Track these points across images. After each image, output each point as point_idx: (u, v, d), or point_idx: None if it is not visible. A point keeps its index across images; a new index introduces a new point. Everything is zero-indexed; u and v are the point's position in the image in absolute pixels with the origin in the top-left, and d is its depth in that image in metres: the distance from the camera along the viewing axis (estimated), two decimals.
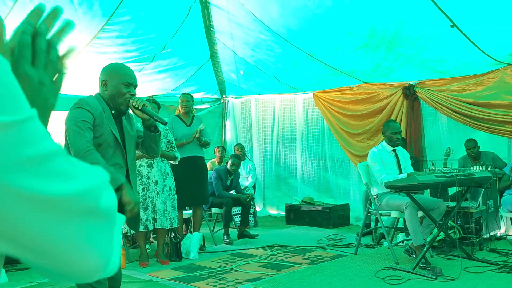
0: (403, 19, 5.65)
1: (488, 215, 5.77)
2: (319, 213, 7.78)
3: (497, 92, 6.48)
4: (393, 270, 4.75)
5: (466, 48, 5.83)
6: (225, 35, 6.95)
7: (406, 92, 7.33)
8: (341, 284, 4.37)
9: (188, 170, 5.84)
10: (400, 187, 4.78)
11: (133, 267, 5.24)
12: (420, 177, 4.60)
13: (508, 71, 6.38)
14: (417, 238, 4.85)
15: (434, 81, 7.11)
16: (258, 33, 6.59)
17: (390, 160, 5.40)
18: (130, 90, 2.77)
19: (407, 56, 6.51)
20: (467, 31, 5.48)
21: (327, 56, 6.92)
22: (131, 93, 2.77)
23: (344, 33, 6.24)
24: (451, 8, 5.12)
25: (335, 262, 5.28)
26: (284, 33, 6.43)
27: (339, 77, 7.50)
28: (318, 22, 6.04)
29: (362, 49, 6.50)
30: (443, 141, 7.25)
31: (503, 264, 4.84)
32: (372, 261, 5.17)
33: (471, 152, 6.53)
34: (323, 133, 8.58)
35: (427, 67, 6.76)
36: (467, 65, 6.51)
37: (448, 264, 4.89)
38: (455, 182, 4.69)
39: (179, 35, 6.59)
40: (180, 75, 7.63)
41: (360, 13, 5.72)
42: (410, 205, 4.87)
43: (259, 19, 6.26)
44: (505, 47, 5.89)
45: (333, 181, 8.46)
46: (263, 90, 8.78)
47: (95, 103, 2.74)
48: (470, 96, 6.71)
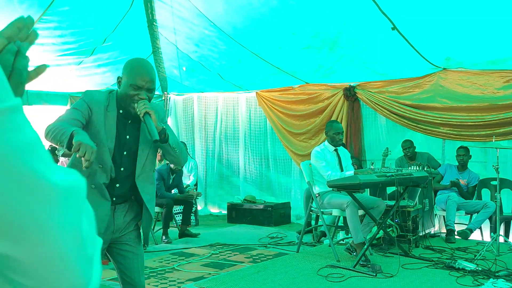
0: (346, 20, 5.74)
1: (424, 213, 5.97)
2: (261, 211, 7.80)
3: (433, 95, 6.72)
4: (334, 267, 4.81)
5: (406, 51, 6.00)
6: (168, 29, 6.83)
7: (347, 93, 7.48)
8: (284, 282, 4.38)
9: None
10: (342, 186, 4.86)
11: None
12: (361, 176, 4.70)
13: (443, 75, 6.63)
14: (357, 236, 4.95)
15: (374, 83, 7.30)
16: (203, 28, 6.52)
17: (332, 159, 5.49)
18: (140, 93, 2.37)
19: (348, 58, 6.63)
20: (407, 34, 5.64)
21: (271, 56, 6.94)
22: (139, 97, 2.38)
23: (288, 33, 6.27)
24: (392, 10, 5.25)
25: (277, 260, 5.30)
26: (229, 30, 6.39)
27: (282, 76, 7.55)
28: (263, 20, 6.04)
29: (306, 50, 6.57)
30: (382, 141, 7.45)
31: (437, 260, 5.01)
32: (314, 259, 5.22)
33: (407, 152, 6.76)
34: (265, 132, 8.62)
35: (367, 69, 6.92)
36: (405, 68, 6.71)
37: (387, 261, 5.02)
38: (395, 181, 4.82)
39: (120, 28, 6.41)
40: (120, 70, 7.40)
41: (304, 14, 5.76)
42: (351, 203, 4.97)
43: (203, 14, 6.19)
44: (442, 52, 6.12)
45: (275, 180, 8.52)
46: (206, 87, 8.71)
47: (100, 98, 2.45)
48: (408, 99, 6.93)
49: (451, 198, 6.15)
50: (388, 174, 4.86)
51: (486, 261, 4.82)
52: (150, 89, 2.43)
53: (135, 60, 2.52)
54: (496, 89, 6.25)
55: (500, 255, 5.06)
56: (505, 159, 6.13)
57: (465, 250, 5.49)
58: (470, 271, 4.54)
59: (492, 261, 4.75)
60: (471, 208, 6.28)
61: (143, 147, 2.52)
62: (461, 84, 6.50)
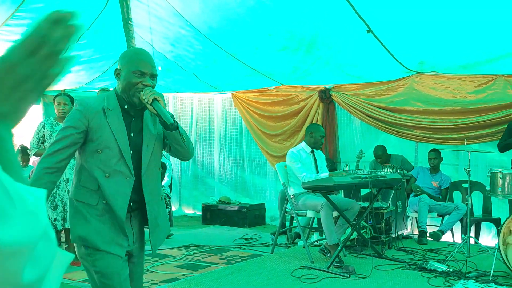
0: (322, 22, 5.76)
1: (397, 215, 6.04)
2: (236, 212, 7.79)
3: (407, 98, 6.81)
4: (308, 269, 4.83)
5: (380, 54, 6.06)
6: (144, 28, 6.76)
7: (322, 96, 7.52)
8: (259, 284, 4.38)
9: None
10: (316, 188, 4.88)
11: None
12: (336, 178, 4.73)
13: (417, 79, 6.73)
14: (331, 238, 4.98)
15: (349, 86, 7.36)
16: (179, 28, 6.47)
17: (308, 160, 5.51)
18: (144, 80, 2.24)
19: (324, 60, 6.66)
20: (382, 37, 5.69)
21: (247, 56, 6.93)
22: (144, 83, 2.23)
23: (265, 34, 6.27)
24: (368, 13, 5.29)
25: (252, 261, 5.29)
26: (205, 30, 6.36)
27: (258, 78, 7.54)
28: (239, 21, 6.03)
29: (282, 51, 6.58)
30: (356, 143, 7.51)
31: (410, 261, 5.08)
32: (288, 260, 5.23)
33: (379, 161, 6.78)
34: (241, 133, 8.61)
35: (343, 72, 6.97)
36: (380, 71, 6.79)
37: (360, 263, 5.06)
38: (369, 183, 4.87)
39: (95, 26, 6.31)
40: (95, 68, 7.31)
41: (281, 15, 5.76)
42: (325, 205, 4.99)
43: (180, 14, 6.14)
44: (416, 56, 6.20)
45: (250, 181, 8.51)
46: (182, 88, 8.65)
47: (95, 102, 2.28)
48: (382, 101, 7.01)
49: (423, 200, 6.24)
50: (362, 176, 4.91)
51: (457, 262, 4.91)
52: (154, 75, 2.31)
53: (133, 49, 2.39)
54: (468, 93, 6.37)
55: (471, 256, 5.16)
56: (476, 162, 6.24)
57: (436, 251, 5.57)
58: (442, 272, 4.61)
59: (463, 262, 4.85)
60: (442, 210, 6.38)
61: (147, 142, 2.35)
62: (434, 88, 6.61)
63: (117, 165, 2.25)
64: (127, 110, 2.31)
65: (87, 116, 2.22)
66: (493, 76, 6.19)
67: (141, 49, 2.39)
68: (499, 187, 4.71)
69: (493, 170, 4.86)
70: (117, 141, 2.24)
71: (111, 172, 2.24)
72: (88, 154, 2.26)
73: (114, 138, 2.24)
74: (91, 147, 2.25)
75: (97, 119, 2.24)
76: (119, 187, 2.25)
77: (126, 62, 2.28)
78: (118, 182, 2.25)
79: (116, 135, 2.25)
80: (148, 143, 2.35)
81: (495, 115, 6.12)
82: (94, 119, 2.23)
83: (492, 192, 4.83)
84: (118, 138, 2.25)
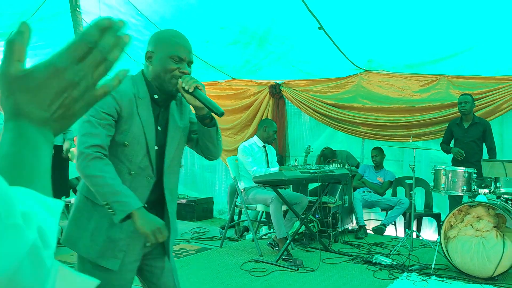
0: (274, 17, 5.78)
1: (343, 209, 6.17)
2: (184, 206, 7.72)
3: (354, 95, 6.95)
4: (257, 262, 4.86)
5: (331, 51, 6.15)
6: (93, 16, 6.56)
7: (273, 91, 7.57)
8: (208, 277, 4.36)
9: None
10: (267, 182, 4.91)
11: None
12: (286, 172, 4.78)
13: (365, 77, 6.88)
14: (280, 231, 5.03)
15: (299, 82, 7.43)
16: (129, 16, 6.33)
17: (259, 155, 5.53)
18: (181, 66, 1.99)
19: (276, 55, 6.70)
20: (333, 35, 5.78)
21: (198, 49, 6.85)
22: (182, 71, 1.99)
23: (216, 27, 6.23)
24: (320, 10, 5.36)
25: (201, 255, 5.27)
26: (157, 20, 6.25)
27: (208, 71, 7.49)
28: (191, 12, 5.96)
29: (233, 45, 6.56)
30: (305, 139, 7.60)
31: (355, 255, 5.20)
32: (237, 253, 5.25)
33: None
34: None
35: (293, 67, 7.02)
36: (330, 68, 6.89)
37: (308, 256, 5.13)
38: (318, 178, 4.95)
39: (40, 12, 6.08)
40: (39, 56, 7.02)
41: (233, 8, 5.74)
42: (275, 199, 5.04)
43: (131, 2, 6.01)
44: (365, 54, 6.34)
45: (199, 175, 8.45)
46: None
47: (125, 86, 1.97)
48: (331, 98, 7.12)
49: (356, 197, 6.38)
50: (312, 171, 4.98)
51: (401, 256, 5.07)
52: (191, 61, 2.06)
53: (171, 30, 2.10)
54: (413, 92, 6.58)
55: (414, 250, 5.34)
56: (420, 158, 6.45)
57: (381, 245, 5.73)
58: (386, 265, 4.75)
59: (406, 256, 5.01)
60: (386, 205, 6.57)
61: (172, 136, 2.09)
62: (381, 86, 6.78)
63: (142, 162, 2.00)
64: (156, 100, 2.04)
65: (121, 104, 1.94)
66: (437, 76, 6.41)
67: (179, 32, 2.08)
68: (442, 183, 4.89)
69: (437, 167, 5.04)
70: (145, 134, 1.99)
71: (136, 169, 2.00)
72: (112, 146, 1.97)
73: (143, 131, 1.99)
74: (117, 138, 1.96)
75: (129, 107, 1.96)
76: (139, 188, 2.00)
77: (163, 44, 2.01)
78: (140, 182, 2.02)
79: (145, 128, 1.99)
80: (174, 137, 2.10)
81: (439, 114, 6.35)
82: (126, 107, 1.95)
83: (435, 188, 5.01)
84: (147, 131, 2.00)
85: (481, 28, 5.14)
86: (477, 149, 5.74)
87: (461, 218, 4.64)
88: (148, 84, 2.03)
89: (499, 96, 6.02)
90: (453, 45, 5.59)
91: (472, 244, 4.45)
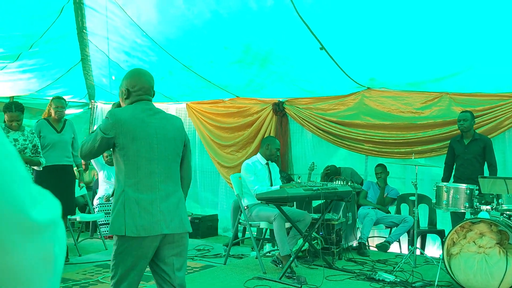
0: (276, 38, 5.88)
1: (347, 226, 6.20)
2: None
3: (357, 112, 7.02)
4: (261, 279, 4.89)
5: (332, 70, 6.23)
6: (99, 37, 6.70)
7: (276, 108, 7.64)
8: None
9: (54, 178, 5.48)
10: (270, 199, 4.95)
11: None
12: (289, 190, 4.82)
13: (367, 94, 6.95)
14: (284, 248, 5.06)
15: (302, 99, 7.51)
16: (135, 37, 6.45)
17: (262, 172, 5.59)
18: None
19: (278, 75, 6.79)
20: (334, 54, 5.87)
21: (202, 69, 6.98)
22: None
23: (220, 47, 6.33)
24: (321, 31, 5.45)
25: (205, 272, 5.30)
26: (161, 41, 6.36)
27: (213, 90, 7.60)
28: (196, 33, 6.07)
29: (237, 64, 6.65)
30: (308, 156, 7.65)
31: (359, 272, 5.22)
32: (241, 271, 5.28)
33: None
34: (194, 144, 8.60)
35: (296, 86, 7.11)
36: (332, 86, 6.97)
37: (312, 273, 5.16)
38: (321, 195, 4.99)
39: (48, 34, 6.21)
40: (47, 76, 7.18)
41: (237, 29, 5.85)
42: (278, 216, 5.07)
43: (136, 24, 6.13)
44: (367, 73, 6.42)
45: (202, 192, 8.51)
46: None
47: None
48: (334, 115, 7.19)
49: (369, 216, 6.42)
50: (315, 188, 5.02)
51: (404, 273, 5.08)
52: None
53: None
54: (415, 109, 6.63)
55: (417, 266, 5.35)
56: (422, 176, 6.49)
57: (384, 262, 5.74)
58: (389, 282, 4.77)
59: (410, 272, 5.02)
60: (390, 222, 6.59)
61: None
62: (383, 103, 6.84)
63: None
64: None
65: None
66: (439, 94, 6.48)
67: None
68: (444, 200, 4.92)
69: (439, 183, 5.07)
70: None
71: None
72: None
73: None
74: None
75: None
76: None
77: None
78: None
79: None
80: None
81: (441, 131, 6.40)
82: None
83: (437, 204, 5.03)
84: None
85: (481, 47, 5.21)
86: (478, 165, 5.77)
87: (464, 234, 4.67)
88: None
89: (502, 113, 6.07)
90: (454, 64, 5.65)
91: (475, 260, 4.47)
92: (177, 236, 2.73)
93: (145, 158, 2.67)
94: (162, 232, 2.64)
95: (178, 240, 2.74)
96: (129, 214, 2.59)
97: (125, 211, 2.60)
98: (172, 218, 2.69)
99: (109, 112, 2.71)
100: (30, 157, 5.05)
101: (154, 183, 2.67)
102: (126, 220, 2.58)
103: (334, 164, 7.11)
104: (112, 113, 2.69)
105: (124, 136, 2.64)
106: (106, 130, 2.65)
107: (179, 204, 2.77)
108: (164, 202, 2.68)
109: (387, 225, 6.67)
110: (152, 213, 2.62)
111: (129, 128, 2.65)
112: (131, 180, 2.64)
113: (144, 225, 2.60)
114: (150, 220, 2.61)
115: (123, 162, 2.65)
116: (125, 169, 2.65)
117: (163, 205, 2.67)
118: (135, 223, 2.58)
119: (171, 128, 2.83)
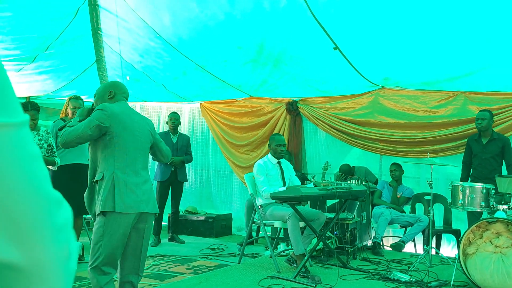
0: (290, 38, 5.88)
1: (361, 226, 6.17)
2: (202, 222, 7.80)
3: (371, 111, 6.99)
4: (275, 278, 4.89)
5: (346, 70, 6.22)
6: (113, 39, 6.75)
7: (289, 108, 7.64)
8: None
9: (70, 178, 5.53)
10: (284, 199, 4.95)
11: None
12: (303, 189, 4.82)
13: (381, 93, 6.92)
14: (298, 248, 5.06)
15: (316, 99, 7.50)
16: (148, 39, 6.49)
17: (274, 172, 5.59)
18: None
19: (291, 75, 6.79)
20: (348, 54, 5.85)
21: (216, 68, 7.00)
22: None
23: (234, 47, 6.35)
24: (335, 31, 5.44)
25: (219, 271, 5.32)
26: (175, 42, 6.39)
27: (227, 89, 7.62)
28: (209, 34, 6.09)
29: (250, 64, 6.66)
30: (322, 155, 7.64)
31: (374, 271, 5.20)
32: (255, 270, 5.28)
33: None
34: (207, 143, 8.64)
35: (310, 86, 7.10)
36: (346, 86, 6.95)
37: (326, 273, 5.15)
38: (335, 194, 4.98)
39: (64, 36, 6.27)
40: (62, 77, 7.25)
41: (250, 29, 5.85)
42: (293, 215, 5.07)
43: (149, 26, 6.17)
44: (381, 72, 6.38)
45: (215, 191, 8.54)
46: (150, 97, 8.65)
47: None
48: (348, 114, 7.17)
49: (384, 215, 6.39)
50: (329, 187, 5.01)
51: (419, 272, 5.05)
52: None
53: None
54: (429, 108, 6.59)
55: (432, 266, 5.32)
56: (437, 175, 6.44)
57: (399, 262, 5.72)
58: (404, 282, 4.74)
59: (425, 272, 5.00)
60: (405, 221, 6.55)
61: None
62: (398, 102, 6.80)
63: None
64: None
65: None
66: (454, 93, 6.43)
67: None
68: (460, 199, 4.88)
69: (454, 183, 5.03)
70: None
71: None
72: None
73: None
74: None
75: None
76: None
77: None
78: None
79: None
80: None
81: (456, 130, 6.35)
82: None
83: (453, 204, 5.00)
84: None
85: (496, 47, 5.15)
86: (496, 165, 5.72)
87: (480, 234, 4.63)
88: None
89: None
90: (469, 64, 5.59)
91: (492, 260, 4.43)
92: (150, 216, 3.30)
93: (132, 146, 3.22)
94: (143, 210, 3.19)
95: (149, 220, 3.31)
96: (118, 193, 3.09)
97: (115, 191, 3.09)
98: (148, 200, 3.25)
99: (102, 105, 3.19)
100: (45, 156, 5.11)
101: (137, 169, 3.23)
102: (116, 198, 3.08)
103: (348, 163, 7.09)
104: (105, 106, 3.18)
105: (117, 126, 3.16)
106: (102, 120, 3.12)
107: (151, 189, 3.36)
108: (144, 186, 3.23)
109: (401, 225, 6.63)
110: (137, 194, 3.17)
111: (121, 120, 3.19)
112: (121, 163, 3.16)
113: (130, 203, 3.12)
114: (135, 199, 3.16)
115: (114, 147, 3.15)
116: (115, 154, 3.16)
117: (143, 188, 3.23)
118: (124, 201, 3.10)
119: (146, 126, 3.42)
